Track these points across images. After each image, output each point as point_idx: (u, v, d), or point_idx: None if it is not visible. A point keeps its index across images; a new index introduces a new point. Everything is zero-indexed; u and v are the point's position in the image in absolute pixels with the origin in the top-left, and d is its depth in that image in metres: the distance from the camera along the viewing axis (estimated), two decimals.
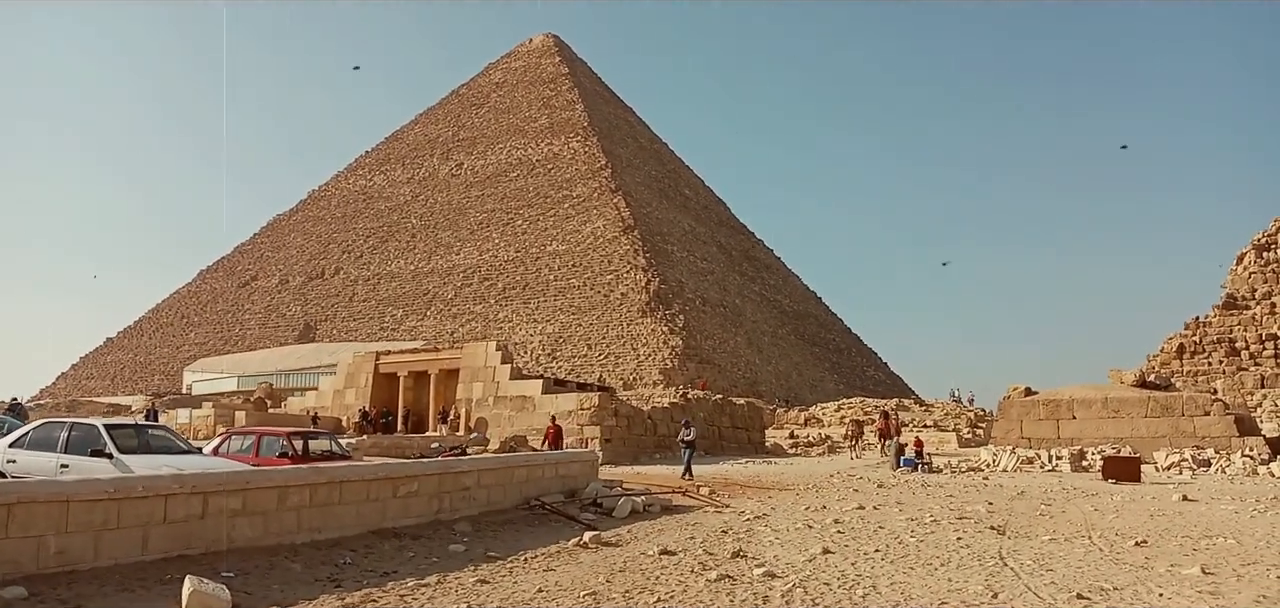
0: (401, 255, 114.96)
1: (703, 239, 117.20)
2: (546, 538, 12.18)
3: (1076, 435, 30.60)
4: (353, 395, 42.34)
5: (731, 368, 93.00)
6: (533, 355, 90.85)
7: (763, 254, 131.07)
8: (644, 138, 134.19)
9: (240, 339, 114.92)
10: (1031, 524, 14.28)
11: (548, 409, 36.58)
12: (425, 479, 12.25)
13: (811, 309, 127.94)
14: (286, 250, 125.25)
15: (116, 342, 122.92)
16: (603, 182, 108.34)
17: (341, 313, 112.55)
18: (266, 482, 9.76)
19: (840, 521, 14.50)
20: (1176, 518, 14.73)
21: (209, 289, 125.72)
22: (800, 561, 10.86)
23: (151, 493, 8.48)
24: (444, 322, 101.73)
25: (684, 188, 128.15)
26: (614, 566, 10.34)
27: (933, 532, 13.25)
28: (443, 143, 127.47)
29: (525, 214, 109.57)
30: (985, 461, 30.83)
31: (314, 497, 10.35)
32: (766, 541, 12.44)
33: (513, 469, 14.36)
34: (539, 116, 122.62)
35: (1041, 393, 33.00)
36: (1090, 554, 11.11)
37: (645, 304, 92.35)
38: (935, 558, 11.01)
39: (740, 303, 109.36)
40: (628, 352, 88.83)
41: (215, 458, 13.55)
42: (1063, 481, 23.98)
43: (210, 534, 9.06)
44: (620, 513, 14.84)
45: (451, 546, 10.97)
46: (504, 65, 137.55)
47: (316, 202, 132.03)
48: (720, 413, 43.29)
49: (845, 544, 12.08)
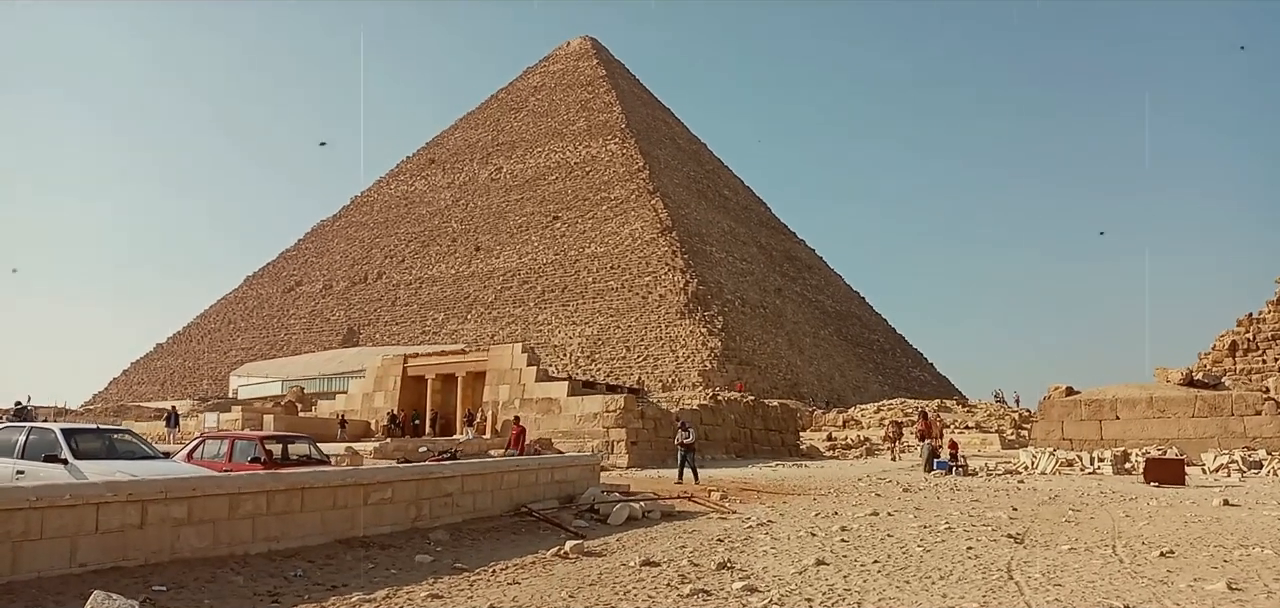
0: (442, 259, 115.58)
1: (742, 240, 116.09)
2: (527, 548, 11.56)
3: (1120, 437, 29.26)
4: (381, 399, 42.26)
5: (772, 369, 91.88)
6: (572, 358, 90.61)
7: (804, 254, 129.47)
8: (682, 139, 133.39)
9: (285, 344, 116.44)
10: (1054, 532, 13.34)
11: (573, 412, 36.10)
12: (401, 485, 11.70)
13: (855, 309, 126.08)
14: (330, 256, 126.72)
15: (166, 347, 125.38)
16: (640, 183, 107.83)
17: (384, 317, 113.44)
18: (215, 489, 9.27)
19: (848, 528, 13.69)
20: (1213, 525, 13.67)
21: (255, 295, 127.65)
22: (789, 573, 10.11)
23: (81, 501, 8.03)
24: (484, 325, 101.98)
25: (723, 188, 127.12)
26: (586, 578, 9.69)
27: (943, 541, 12.38)
28: (482, 147, 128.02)
29: (564, 217, 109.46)
30: (1024, 463, 29.65)
31: (271, 504, 9.84)
32: (761, 550, 11.69)
33: (502, 474, 13.77)
34: (577, 120, 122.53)
35: (1083, 393, 31.67)
36: (1108, 567, 10.19)
37: (683, 306, 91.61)
38: (937, 570, 10.18)
39: (781, 304, 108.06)
40: (666, 354, 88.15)
41: (178, 464, 13.17)
42: (1102, 484, 22.82)
43: (150, 545, 8.59)
44: (616, 520, 14.19)
45: (418, 556, 10.40)
46: (542, 69, 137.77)
47: (359, 207, 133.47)
48: (752, 415, 42.41)
49: (844, 555, 11.28)
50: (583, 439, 34.54)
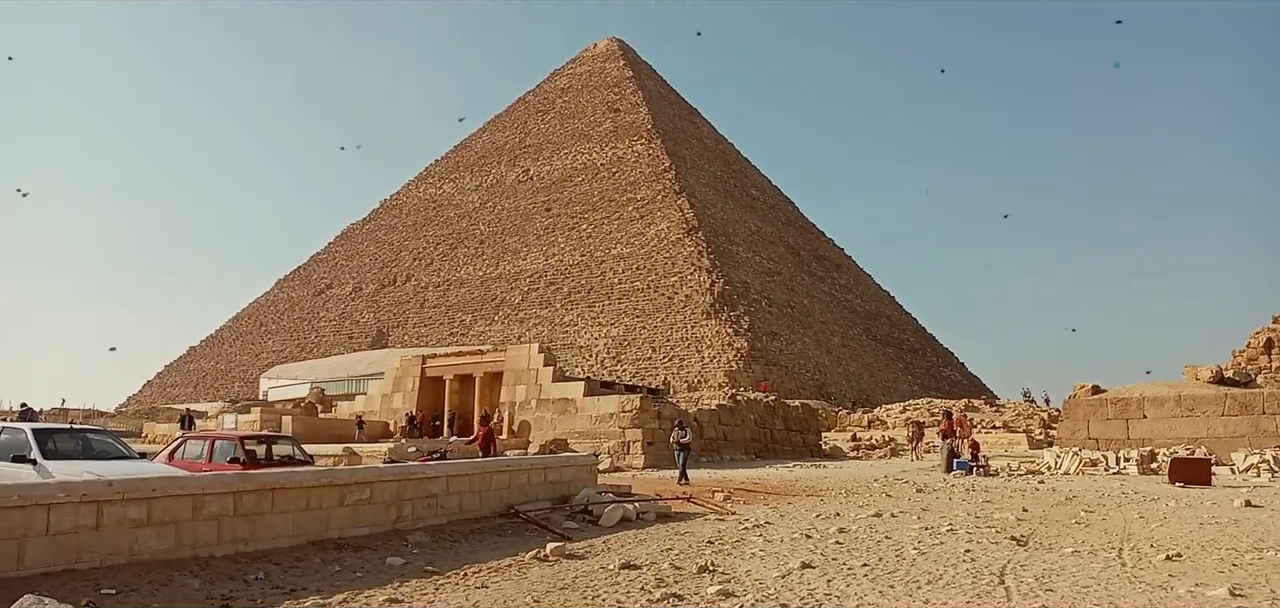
0: (470, 262, 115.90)
1: (769, 239, 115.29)
2: (508, 550, 11.26)
3: (1147, 436, 28.43)
4: (400, 400, 42.29)
5: (799, 370, 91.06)
6: (598, 359, 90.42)
7: (833, 253, 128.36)
8: (709, 139, 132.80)
9: (316, 346, 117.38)
10: (1062, 534, 12.81)
11: (589, 412, 35.85)
12: (380, 486, 11.45)
13: (884, 309, 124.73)
14: (360, 258, 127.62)
15: (199, 350, 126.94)
16: (666, 184, 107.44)
17: (413, 319, 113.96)
18: (177, 490, 9.06)
19: (846, 530, 13.25)
20: (1230, 527, 13.06)
21: (286, 297, 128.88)
22: (772, 576, 9.72)
23: (30, 502, 7.84)
24: (511, 326, 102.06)
25: (750, 188, 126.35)
26: (558, 582, 9.37)
27: (941, 543, 11.92)
28: (510, 150, 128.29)
29: (590, 218, 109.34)
30: (1047, 463, 28.95)
31: (238, 506, 9.63)
32: (749, 553, 11.31)
33: (490, 475, 13.48)
34: (603, 121, 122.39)
35: (1109, 391, 30.84)
36: (1107, 571, 9.69)
37: (710, 306, 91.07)
38: (927, 573, 9.75)
39: (809, 303, 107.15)
40: (692, 354, 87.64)
41: (151, 464, 13.05)
42: (1125, 485, 22.11)
43: (106, 547, 8.40)
44: (608, 522, 13.86)
45: (390, 559, 10.13)
46: (569, 71, 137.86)
47: (388, 210, 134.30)
48: (773, 415, 41.91)
49: (835, 558, 10.87)
50: (599, 440, 34.26)
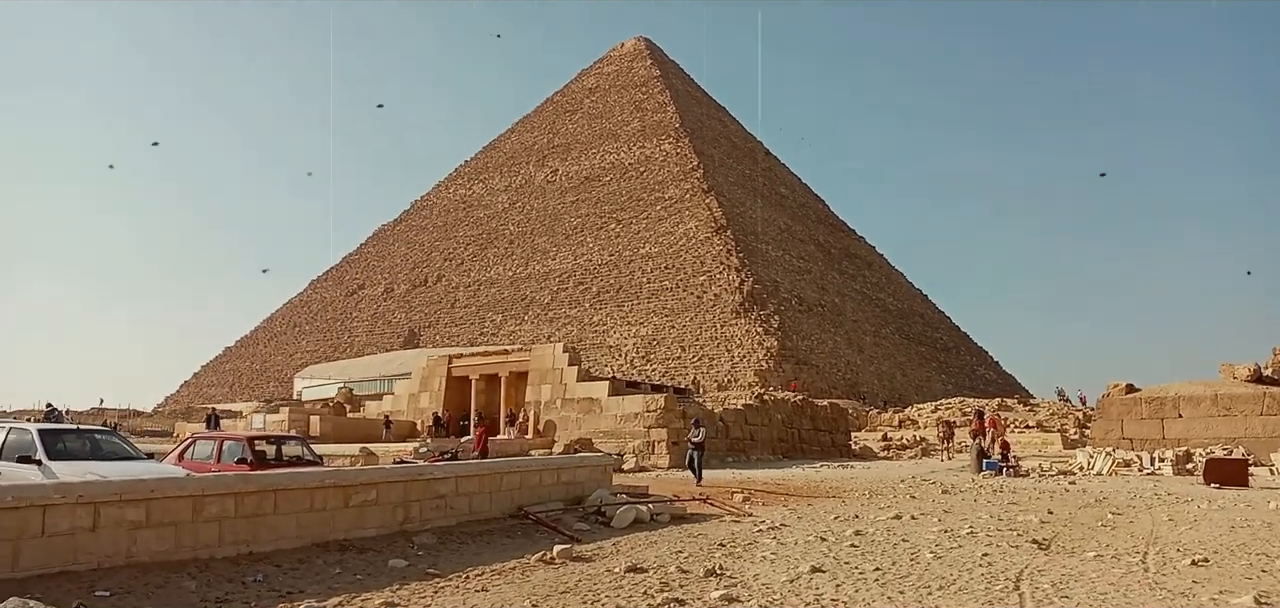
0: (500, 261, 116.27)
1: (800, 237, 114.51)
2: (516, 552, 11.12)
3: (1182, 436, 27.74)
4: (427, 399, 42.42)
5: (830, 369, 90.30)
6: (627, 358, 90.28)
7: (864, 251, 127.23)
8: (737, 137, 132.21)
9: (349, 346, 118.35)
10: (1086, 538, 12.44)
11: (614, 411, 35.67)
12: (387, 487, 11.36)
13: (917, 307, 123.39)
14: (391, 259, 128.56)
15: (235, 350, 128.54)
16: (694, 182, 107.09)
17: (444, 319, 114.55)
18: (176, 491, 9.02)
19: (863, 533, 12.96)
20: (1262, 530, 12.61)
21: (319, 298, 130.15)
22: (780, 581, 9.48)
23: (25, 503, 7.82)
24: (541, 326, 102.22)
25: (780, 186, 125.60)
26: (559, 585, 9.20)
27: (959, 547, 11.60)
28: (538, 150, 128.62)
29: (618, 217, 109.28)
30: (1080, 463, 28.34)
31: (240, 507, 9.57)
32: (760, 556, 11.07)
33: (501, 476, 13.35)
34: (631, 120, 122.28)
35: (1144, 390, 30.14)
36: (1128, 577, 9.35)
37: (739, 305, 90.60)
38: (940, 578, 9.46)
39: (840, 302, 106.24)
40: (722, 354, 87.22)
41: (158, 465, 13.06)
42: (1158, 485, 21.55)
43: (104, 548, 8.36)
44: (620, 523, 13.68)
45: (392, 561, 10.01)
46: (597, 71, 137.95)
47: (419, 211, 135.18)
48: (800, 415, 41.50)
49: (847, 562, 10.60)
50: (624, 439, 34.09)
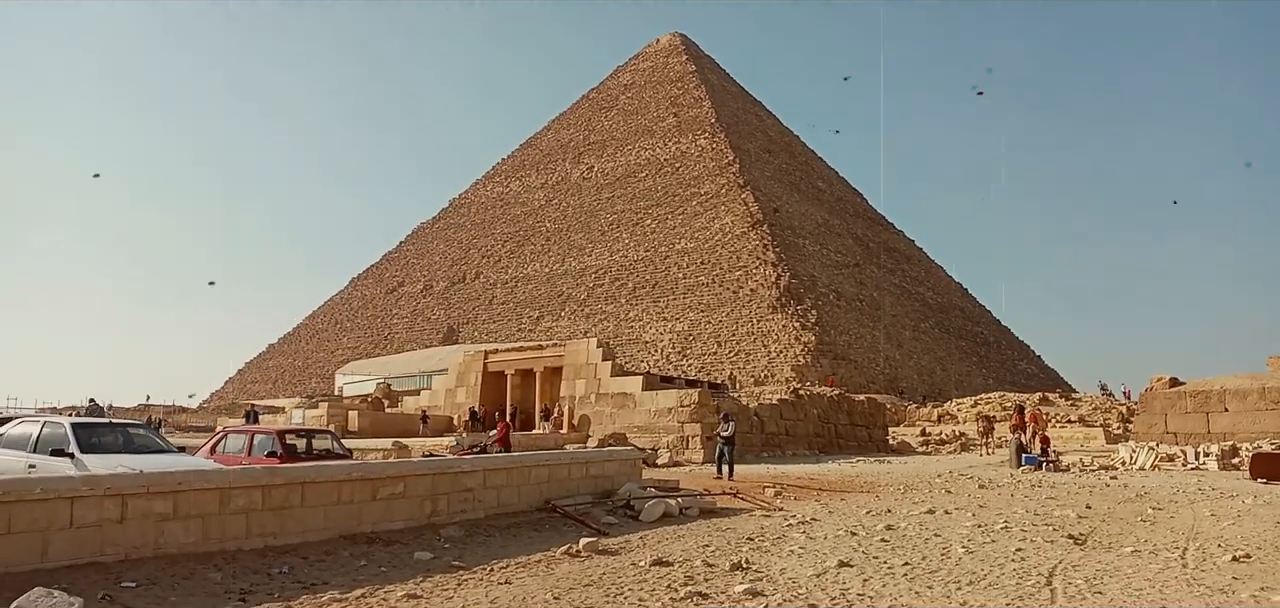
0: (537, 258, 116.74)
1: (837, 232, 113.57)
2: (542, 545, 11.10)
3: (1229, 430, 27.03)
4: (463, 394, 42.72)
5: (868, 364, 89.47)
6: (663, 354, 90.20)
7: (903, 245, 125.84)
8: (774, 131, 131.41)
9: (388, 342, 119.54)
10: (1124, 533, 12.13)
11: (648, 407, 35.64)
12: (414, 480, 11.39)
13: (957, 301, 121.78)
14: (430, 257, 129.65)
15: (278, 347, 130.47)
16: (730, 177, 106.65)
17: (482, 316, 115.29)
18: (203, 484, 9.11)
19: (894, 527, 12.75)
20: None
21: (360, 296, 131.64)
22: (806, 575, 9.35)
23: (53, 495, 7.94)
24: (578, 322, 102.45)
25: (817, 180, 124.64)
26: (584, 578, 9.15)
27: (992, 541, 11.36)
28: (574, 147, 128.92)
29: (654, 213, 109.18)
30: (1122, 458, 27.77)
31: (267, 499, 9.64)
32: (788, 550, 10.93)
33: (530, 469, 13.35)
34: (666, 116, 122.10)
35: (1189, 384, 29.43)
36: (1165, 572, 9.08)
37: (775, 300, 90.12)
38: (970, 574, 9.26)
39: (878, 296, 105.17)
40: (758, 349, 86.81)
41: (191, 458, 13.20)
42: (1202, 480, 21.02)
43: (131, 540, 8.46)
44: (648, 517, 13.61)
45: (418, 554, 10.03)
46: (632, 67, 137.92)
47: (458, 209, 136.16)
48: (837, 410, 41.12)
49: (876, 556, 10.43)
50: (658, 434, 34.06)
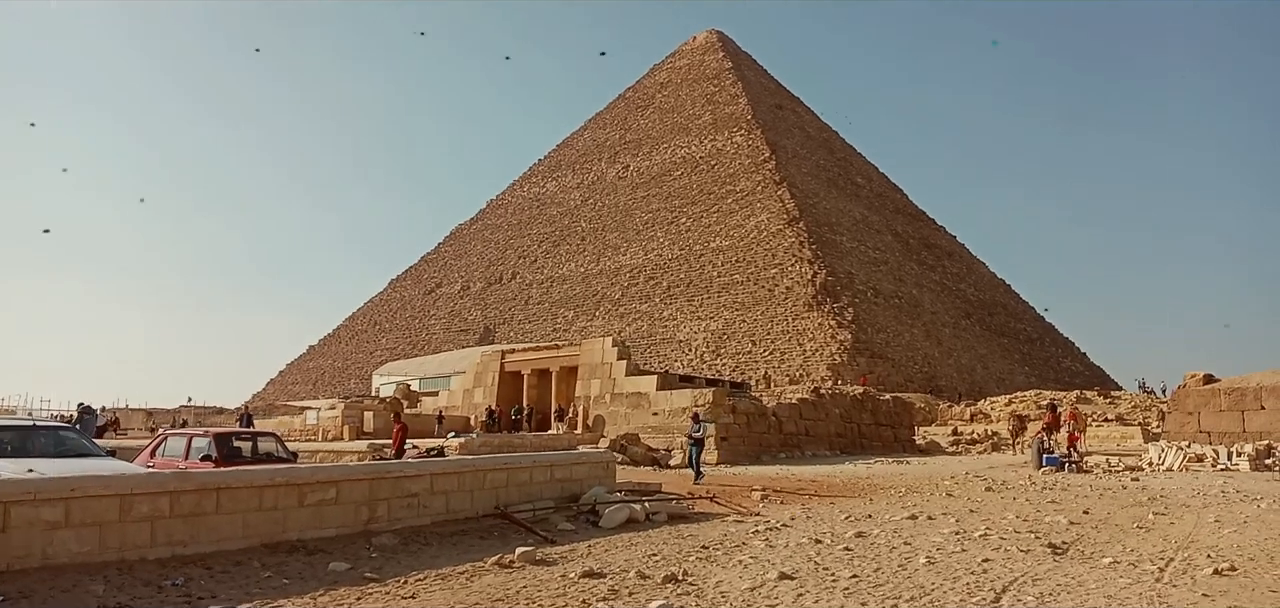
0: (572, 258, 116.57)
1: (876, 228, 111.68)
2: (478, 554, 10.52)
3: (1265, 429, 25.64)
4: (481, 394, 42.48)
5: (907, 362, 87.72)
6: (697, 353, 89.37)
7: (944, 241, 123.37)
8: (812, 128, 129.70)
9: (426, 343, 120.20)
10: (1112, 541, 11.25)
11: (662, 406, 35.03)
12: (349, 485, 10.90)
13: (1000, 298, 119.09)
14: (467, 258, 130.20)
15: (317, 349, 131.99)
16: (766, 175, 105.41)
17: (517, 316, 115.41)
18: (101, 490, 8.70)
19: (864, 535, 11.99)
20: None
21: (398, 297, 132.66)
22: (740, 589, 8.66)
23: None
24: (612, 321, 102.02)
25: (856, 176, 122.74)
26: (500, 592, 8.56)
27: (961, 552, 10.56)
28: (610, 146, 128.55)
29: (689, 212, 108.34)
30: (1150, 459, 26.50)
31: (176, 506, 9.21)
32: (738, 560, 10.24)
33: (484, 473, 12.79)
34: (702, 114, 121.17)
35: (1223, 381, 28.03)
36: (1133, 589, 8.24)
37: (811, 298, 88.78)
38: (916, 589, 8.50)
39: (918, 293, 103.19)
40: (794, 347, 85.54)
41: (111, 462, 12.84)
42: (1228, 482, 19.84)
43: (14, 550, 8.07)
44: (609, 523, 12.98)
45: (333, 564, 9.50)
46: (669, 65, 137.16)
47: (494, 210, 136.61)
48: (860, 410, 40.09)
49: (827, 567, 9.70)
50: (672, 434, 33.39)
